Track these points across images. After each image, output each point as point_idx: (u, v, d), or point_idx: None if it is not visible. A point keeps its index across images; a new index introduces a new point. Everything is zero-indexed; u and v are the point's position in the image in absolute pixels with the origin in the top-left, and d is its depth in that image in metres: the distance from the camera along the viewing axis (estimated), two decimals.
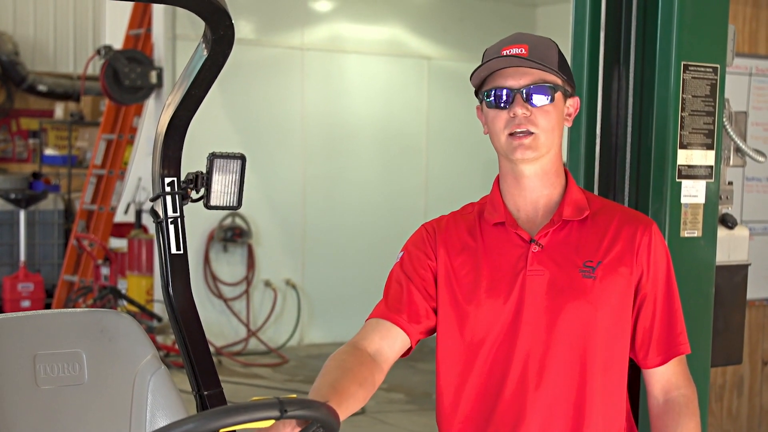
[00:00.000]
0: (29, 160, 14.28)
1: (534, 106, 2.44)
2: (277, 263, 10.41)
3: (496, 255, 2.51)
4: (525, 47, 2.45)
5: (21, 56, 13.88)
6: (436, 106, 11.07)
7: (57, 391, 2.41)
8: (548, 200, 2.53)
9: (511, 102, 2.44)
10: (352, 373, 2.35)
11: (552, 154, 2.50)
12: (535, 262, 2.47)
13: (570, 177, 2.59)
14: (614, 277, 2.46)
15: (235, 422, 1.71)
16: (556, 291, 2.45)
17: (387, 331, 2.50)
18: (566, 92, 2.51)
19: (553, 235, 2.49)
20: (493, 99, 2.46)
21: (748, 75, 5.18)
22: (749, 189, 5.25)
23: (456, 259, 2.54)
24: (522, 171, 2.50)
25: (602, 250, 2.48)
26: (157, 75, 9.76)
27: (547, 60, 2.45)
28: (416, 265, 2.56)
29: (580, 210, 2.52)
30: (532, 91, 2.43)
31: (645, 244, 2.50)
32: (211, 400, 2.59)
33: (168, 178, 2.63)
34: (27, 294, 10.55)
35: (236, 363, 9.57)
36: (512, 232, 2.51)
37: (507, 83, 2.45)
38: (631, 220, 2.54)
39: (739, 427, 5.36)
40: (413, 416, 7.52)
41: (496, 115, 2.47)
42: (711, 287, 3.33)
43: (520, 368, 2.45)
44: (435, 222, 2.63)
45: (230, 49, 2.47)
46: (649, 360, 2.53)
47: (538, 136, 2.44)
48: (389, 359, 2.50)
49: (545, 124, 2.44)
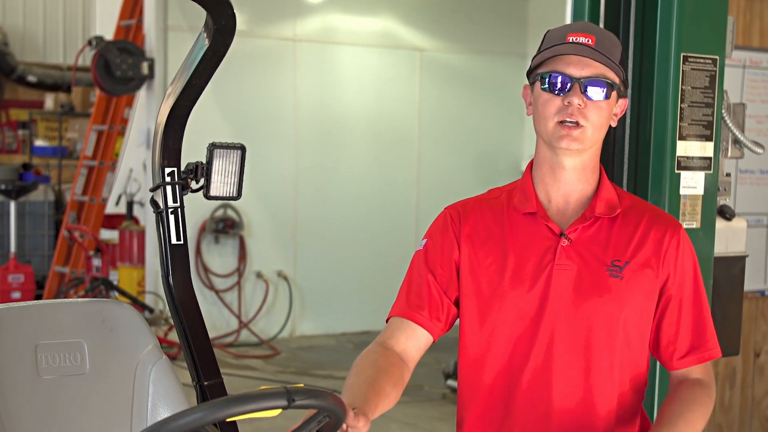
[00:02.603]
0: (19, 151, 14.23)
1: (590, 99, 2.39)
2: (269, 255, 10.40)
3: (524, 245, 2.48)
4: (592, 38, 2.41)
5: (10, 46, 13.83)
6: (428, 98, 11.06)
7: (59, 381, 2.40)
8: (581, 195, 2.51)
9: (567, 90, 2.40)
10: (386, 373, 2.34)
11: (594, 150, 2.48)
12: (563, 257, 2.44)
13: (604, 173, 2.56)
14: (640, 278, 2.44)
15: (243, 411, 1.70)
16: (582, 288, 2.42)
17: (412, 331, 2.48)
18: (620, 92, 2.47)
19: (583, 230, 2.47)
20: (551, 83, 2.42)
21: (741, 67, 5.19)
22: (743, 181, 5.26)
23: (481, 248, 2.50)
24: (561, 162, 2.47)
25: (631, 250, 2.46)
26: (149, 66, 9.73)
27: (611, 55, 2.41)
28: (439, 255, 2.53)
29: (612, 207, 2.49)
30: (592, 83, 2.39)
31: (673, 248, 2.47)
32: (212, 391, 2.59)
33: (168, 168, 2.62)
34: (17, 285, 10.51)
35: (228, 354, 9.56)
36: (542, 223, 2.48)
37: (568, 70, 2.40)
38: (660, 221, 2.51)
39: (731, 419, 5.38)
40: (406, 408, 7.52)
41: (549, 99, 2.42)
42: (709, 279, 3.34)
43: (539, 361, 2.44)
44: (460, 206, 2.58)
45: (231, 39, 2.46)
46: (675, 362, 2.51)
47: (586, 129, 2.40)
48: (415, 358, 2.50)
49: (596, 119, 2.41)
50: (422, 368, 8.48)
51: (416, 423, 7.20)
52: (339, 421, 1.88)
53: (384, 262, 10.43)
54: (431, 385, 8.16)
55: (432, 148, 11.10)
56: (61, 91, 13.70)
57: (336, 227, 10.67)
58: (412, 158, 11.06)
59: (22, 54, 14.10)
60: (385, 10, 10.87)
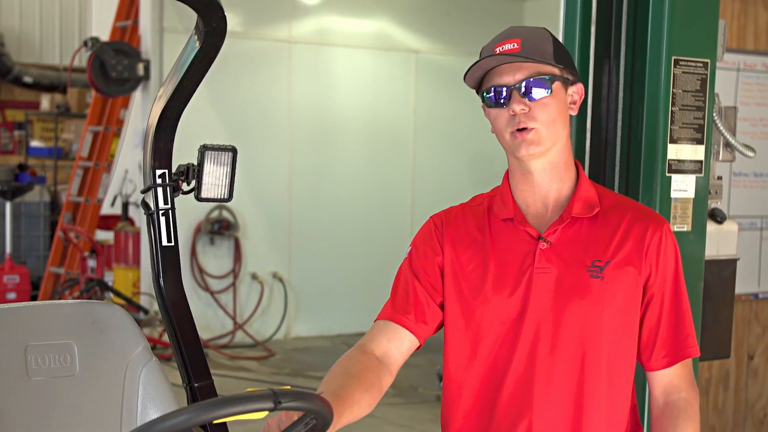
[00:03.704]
0: (15, 151, 14.24)
1: (533, 99, 2.39)
2: (264, 256, 10.40)
3: (504, 251, 2.47)
4: (517, 41, 2.41)
5: (6, 47, 13.83)
6: (423, 100, 11.07)
7: (48, 383, 2.40)
8: (558, 195, 2.49)
9: (508, 99, 2.40)
10: (357, 379, 2.33)
11: (559, 146, 2.46)
12: (542, 260, 2.43)
13: (581, 171, 2.54)
14: (622, 277, 2.42)
15: (229, 413, 1.70)
16: (563, 290, 2.41)
17: (394, 333, 2.48)
18: (566, 81, 2.45)
19: (562, 232, 2.45)
20: (492, 97, 2.43)
21: (736, 70, 5.19)
22: (736, 184, 5.27)
23: (463, 254, 2.51)
24: (529, 167, 2.46)
25: (611, 249, 2.44)
26: (144, 67, 9.74)
27: (540, 52, 2.41)
28: (423, 262, 2.53)
29: (591, 207, 2.47)
30: (529, 84, 2.39)
31: (655, 243, 2.45)
32: (202, 392, 2.58)
33: (159, 170, 2.61)
34: (13, 286, 10.52)
35: (223, 356, 9.56)
36: (521, 228, 2.47)
37: (502, 80, 2.41)
38: (643, 218, 2.48)
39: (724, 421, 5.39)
40: (400, 409, 7.53)
41: (497, 114, 2.44)
42: (700, 282, 3.34)
43: (522, 365, 2.43)
44: (444, 214, 2.59)
45: (222, 41, 2.46)
46: (653, 362, 2.49)
47: (538, 130, 2.39)
48: (398, 361, 2.48)
49: (545, 117, 2.40)
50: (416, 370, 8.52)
51: (410, 425, 7.20)
52: (326, 423, 1.88)
53: (379, 263, 10.43)
54: (425, 387, 8.16)
55: (427, 149, 11.11)
56: (57, 91, 13.70)
57: (331, 228, 10.67)
58: (407, 159, 11.07)
59: (19, 55, 14.11)
60: (380, 11, 10.87)
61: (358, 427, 6.78)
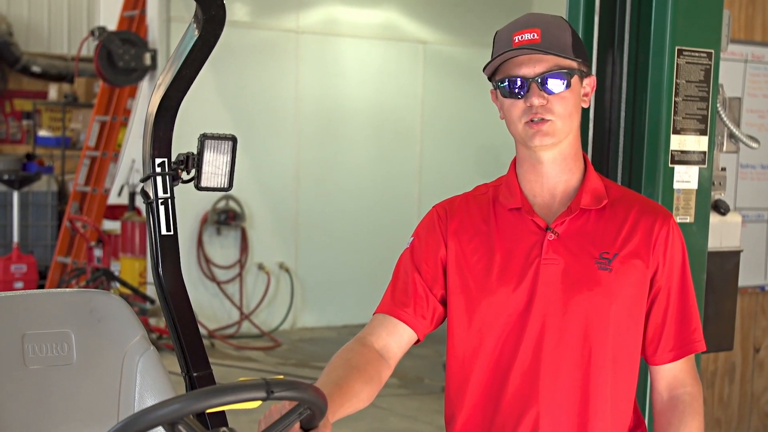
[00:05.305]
0: (23, 141, 14.25)
1: (550, 93, 2.36)
2: (271, 247, 10.40)
3: (510, 241, 2.45)
4: (537, 32, 2.36)
5: (15, 37, 13.83)
6: (431, 91, 11.04)
7: (45, 371, 2.40)
8: (566, 187, 2.47)
9: (526, 91, 2.37)
10: (357, 371, 2.32)
11: (570, 138, 2.43)
12: (550, 251, 2.40)
13: (589, 163, 2.52)
14: (630, 270, 2.40)
15: (221, 403, 1.70)
16: (570, 282, 2.39)
17: (393, 327, 2.46)
18: (582, 74, 2.43)
19: (570, 223, 2.43)
20: (507, 87, 2.39)
21: (743, 62, 5.17)
22: (743, 176, 5.25)
23: (468, 245, 2.48)
24: (540, 157, 2.43)
25: (619, 241, 2.42)
26: (151, 57, 9.73)
27: (561, 44, 2.37)
28: (426, 254, 2.50)
29: (599, 199, 2.45)
30: (548, 78, 2.36)
31: (662, 237, 2.43)
32: (201, 382, 2.58)
33: (158, 158, 2.61)
34: (20, 275, 10.54)
35: (229, 346, 9.57)
36: (528, 218, 2.45)
37: (521, 72, 2.37)
38: (650, 211, 2.46)
39: (730, 414, 5.37)
40: (406, 400, 7.53)
41: (512, 104, 2.40)
42: (703, 273, 3.33)
43: (528, 358, 2.40)
44: (447, 204, 2.56)
45: (221, 30, 2.46)
46: (659, 356, 2.47)
47: (554, 122, 2.36)
48: (396, 355, 2.46)
49: (562, 110, 2.37)
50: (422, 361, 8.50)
51: (416, 416, 7.20)
52: (320, 412, 1.87)
53: (385, 254, 10.36)
54: (431, 378, 8.16)
55: (434, 141, 11.09)
56: (65, 81, 13.71)
57: (338, 220, 10.67)
58: (414, 151, 11.05)
59: (27, 44, 14.11)
60: (388, 2, 10.85)
61: (364, 418, 6.81)
